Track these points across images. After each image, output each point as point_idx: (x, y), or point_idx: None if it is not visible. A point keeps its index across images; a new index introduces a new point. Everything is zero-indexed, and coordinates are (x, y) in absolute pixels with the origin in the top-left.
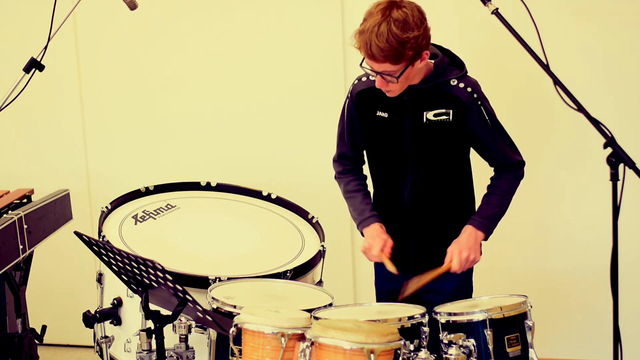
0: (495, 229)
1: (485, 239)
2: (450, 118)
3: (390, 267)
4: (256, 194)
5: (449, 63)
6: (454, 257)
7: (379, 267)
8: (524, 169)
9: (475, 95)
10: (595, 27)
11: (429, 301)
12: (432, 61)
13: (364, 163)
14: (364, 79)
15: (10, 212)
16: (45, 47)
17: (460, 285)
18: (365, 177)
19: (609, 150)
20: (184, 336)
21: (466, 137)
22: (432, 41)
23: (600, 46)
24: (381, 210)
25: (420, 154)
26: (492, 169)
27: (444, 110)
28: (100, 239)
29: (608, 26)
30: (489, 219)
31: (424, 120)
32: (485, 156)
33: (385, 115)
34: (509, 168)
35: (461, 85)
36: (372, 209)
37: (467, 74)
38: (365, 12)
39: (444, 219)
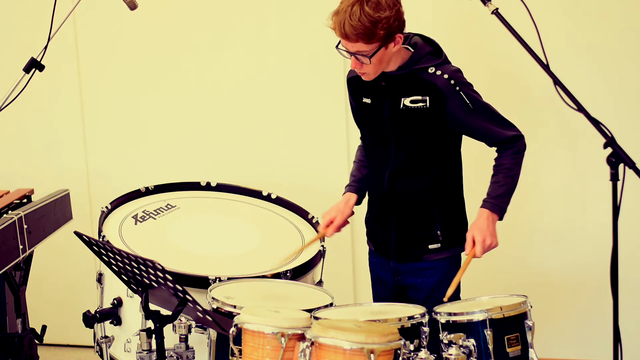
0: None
1: (500, 219)
2: (428, 105)
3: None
4: (256, 194)
5: (430, 52)
6: (477, 244)
7: (370, 250)
8: (524, 140)
9: (452, 82)
10: (595, 27)
11: (412, 298)
12: (412, 50)
13: None
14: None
15: (10, 212)
16: (45, 47)
17: (441, 280)
18: None
19: (609, 150)
20: (184, 336)
21: (449, 123)
22: (422, 32)
23: (600, 46)
24: (369, 194)
25: (401, 139)
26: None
27: (420, 97)
28: (100, 239)
29: (608, 26)
30: (499, 198)
31: (401, 106)
32: (478, 139)
33: (369, 101)
34: (506, 144)
35: (438, 72)
36: (358, 180)
37: (447, 63)
38: None
39: (424, 205)
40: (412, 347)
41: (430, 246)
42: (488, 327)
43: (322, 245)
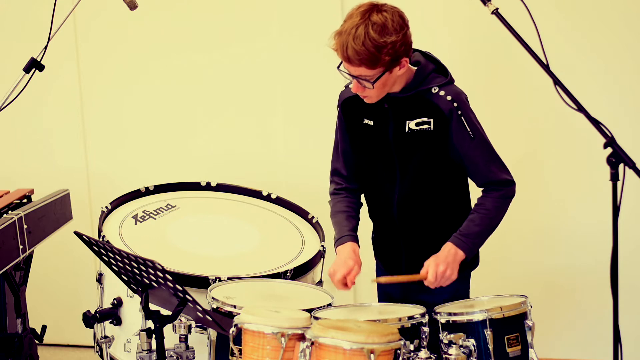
0: (481, 247)
1: (466, 258)
2: (432, 127)
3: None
4: (256, 194)
5: (434, 70)
6: (430, 269)
7: (378, 264)
8: (514, 188)
9: (455, 104)
10: (595, 27)
11: None
12: (415, 68)
13: (357, 187)
14: (350, 85)
15: (10, 212)
16: (45, 47)
17: (448, 299)
18: (359, 202)
19: (609, 150)
20: (184, 336)
21: (449, 148)
22: (423, 46)
23: (600, 46)
24: (373, 219)
25: (406, 161)
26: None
27: (425, 119)
28: (100, 239)
29: (608, 26)
30: (469, 237)
31: (406, 129)
32: (469, 173)
33: (371, 123)
34: (494, 186)
35: (442, 93)
36: (353, 230)
37: (453, 83)
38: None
39: (434, 226)
40: (412, 347)
41: None
42: (488, 327)
43: (322, 245)
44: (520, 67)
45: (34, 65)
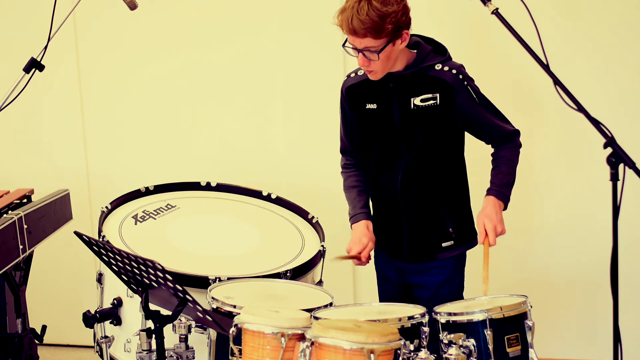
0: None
1: (505, 208)
2: (438, 102)
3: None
4: (256, 194)
5: (433, 51)
6: (490, 233)
7: (377, 252)
8: (520, 138)
9: (460, 77)
10: (595, 27)
11: (417, 296)
12: (415, 51)
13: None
14: (352, 75)
15: (10, 212)
16: (45, 47)
17: (447, 278)
18: (368, 175)
19: (609, 150)
20: (184, 336)
21: (457, 119)
22: (421, 32)
23: (600, 46)
24: (376, 199)
25: (411, 140)
26: (490, 146)
27: (430, 95)
28: (100, 239)
29: (608, 26)
30: (504, 186)
31: (412, 106)
32: (480, 134)
33: (374, 106)
34: (506, 139)
35: (446, 68)
36: (365, 206)
37: (451, 59)
38: None
39: (435, 206)
40: (412, 347)
41: (444, 244)
42: (488, 327)
43: (322, 245)
44: (520, 67)
45: (34, 65)
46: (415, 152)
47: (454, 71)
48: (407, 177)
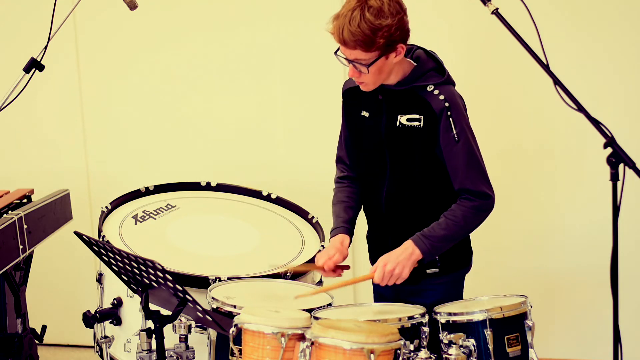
0: (444, 251)
1: (424, 259)
2: (422, 125)
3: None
4: (256, 194)
5: (433, 68)
6: (378, 268)
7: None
8: (492, 202)
9: (446, 105)
10: (595, 27)
11: None
12: (415, 63)
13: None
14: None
15: (10, 212)
16: (45, 47)
17: (441, 299)
18: (360, 191)
19: (609, 150)
20: (184, 336)
21: (437, 147)
22: (427, 45)
23: (600, 46)
24: (366, 213)
25: (396, 157)
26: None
27: (416, 116)
28: (100, 239)
29: (608, 26)
30: (431, 239)
31: (397, 123)
32: (450, 175)
33: (367, 115)
34: (469, 195)
35: (436, 92)
36: (348, 221)
37: (450, 84)
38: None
39: (421, 223)
40: (412, 347)
41: (428, 271)
42: (488, 327)
43: (322, 245)
44: (521, 67)
45: (34, 65)
46: (399, 169)
47: (441, 97)
48: (393, 194)
